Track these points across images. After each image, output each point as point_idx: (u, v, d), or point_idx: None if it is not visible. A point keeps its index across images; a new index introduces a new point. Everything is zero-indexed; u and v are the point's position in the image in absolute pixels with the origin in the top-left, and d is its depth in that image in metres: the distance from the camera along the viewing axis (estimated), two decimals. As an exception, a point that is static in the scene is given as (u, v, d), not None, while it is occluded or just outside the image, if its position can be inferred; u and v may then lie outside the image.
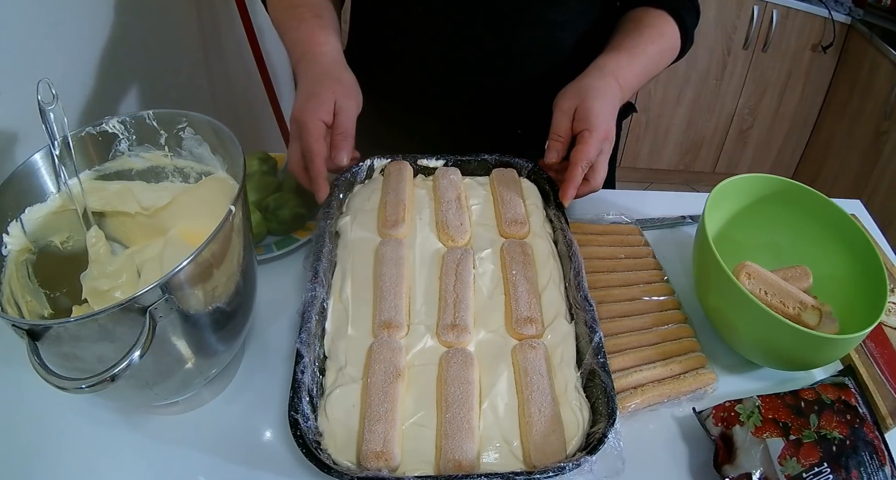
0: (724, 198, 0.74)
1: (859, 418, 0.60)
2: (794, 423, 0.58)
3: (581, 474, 0.52)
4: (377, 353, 0.60)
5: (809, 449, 0.57)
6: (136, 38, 1.08)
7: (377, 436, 0.54)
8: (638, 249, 0.81)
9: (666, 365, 0.66)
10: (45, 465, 0.59)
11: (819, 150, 2.40)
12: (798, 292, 0.68)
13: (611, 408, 0.55)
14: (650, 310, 0.73)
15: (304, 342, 0.59)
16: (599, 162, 0.72)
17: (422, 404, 0.58)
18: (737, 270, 0.67)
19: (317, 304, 0.63)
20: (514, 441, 0.56)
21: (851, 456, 0.57)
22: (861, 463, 0.57)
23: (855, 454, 0.57)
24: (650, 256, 0.80)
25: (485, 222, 0.76)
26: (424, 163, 0.82)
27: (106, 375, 0.45)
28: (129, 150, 0.66)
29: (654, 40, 0.81)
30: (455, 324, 0.63)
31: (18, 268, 0.58)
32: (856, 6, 2.19)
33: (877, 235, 0.87)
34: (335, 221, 0.74)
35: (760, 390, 0.65)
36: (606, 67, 0.77)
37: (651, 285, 0.76)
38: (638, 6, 0.85)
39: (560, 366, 0.61)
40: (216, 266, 0.52)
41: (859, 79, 2.14)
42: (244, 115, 1.79)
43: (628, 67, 0.78)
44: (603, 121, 0.71)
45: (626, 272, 0.77)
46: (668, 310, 0.73)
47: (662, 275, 0.78)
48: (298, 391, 0.55)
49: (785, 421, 0.59)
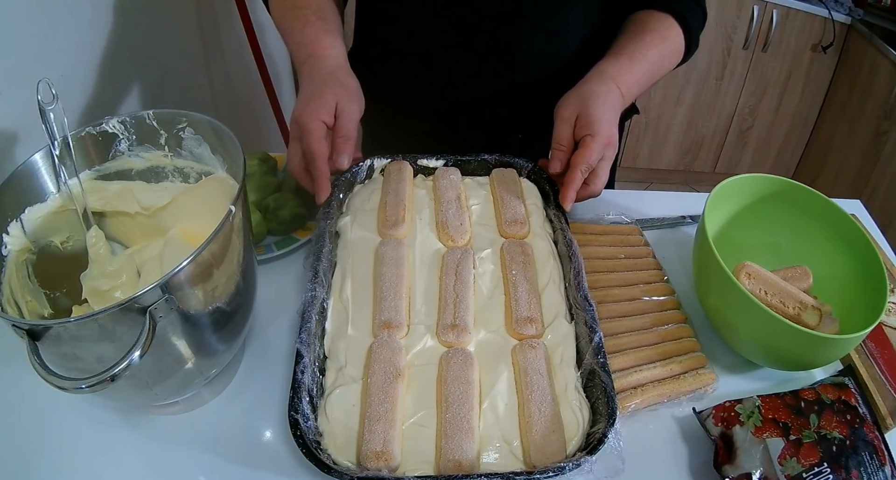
0: (724, 198, 0.74)
1: (859, 418, 0.60)
2: (794, 423, 0.58)
3: (581, 474, 0.52)
4: (377, 353, 0.60)
5: (809, 449, 0.57)
6: (136, 38, 1.08)
7: (377, 436, 0.54)
8: (638, 249, 0.81)
9: (666, 365, 0.66)
10: (45, 465, 0.59)
11: (819, 150, 2.40)
12: (798, 292, 0.68)
13: (611, 408, 0.55)
14: (650, 310, 0.73)
15: (304, 342, 0.59)
16: (601, 167, 0.72)
17: (422, 404, 0.59)
18: (737, 270, 0.67)
19: (317, 304, 0.63)
20: (514, 441, 0.56)
21: (851, 456, 0.57)
22: (861, 463, 0.57)
23: (855, 454, 0.57)
24: (650, 256, 0.80)
25: (485, 222, 0.76)
26: (424, 163, 0.82)
27: (106, 375, 0.45)
28: (129, 150, 0.66)
29: (655, 45, 0.80)
30: (455, 324, 0.63)
31: (18, 268, 0.58)
32: (856, 6, 2.19)
33: (877, 235, 0.87)
34: (335, 221, 0.74)
35: (760, 390, 0.65)
36: (607, 72, 0.77)
37: (651, 285, 0.76)
38: (641, 9, 0.85)
39: (560, 366, 0.61)
40: (216, 266, 0.52)
41: (859, 79, 2.13)
42: (244, 115, 1.79)
43: (629, 72, 0.77)
44: (605, 127, 0.71)
45: (626, 272, 0.77)
46: (668, 310, 0.73)
47: (662, 275, 0.78)
48: (298, 391, 0.55)
49: (785, 421, 0.59)
